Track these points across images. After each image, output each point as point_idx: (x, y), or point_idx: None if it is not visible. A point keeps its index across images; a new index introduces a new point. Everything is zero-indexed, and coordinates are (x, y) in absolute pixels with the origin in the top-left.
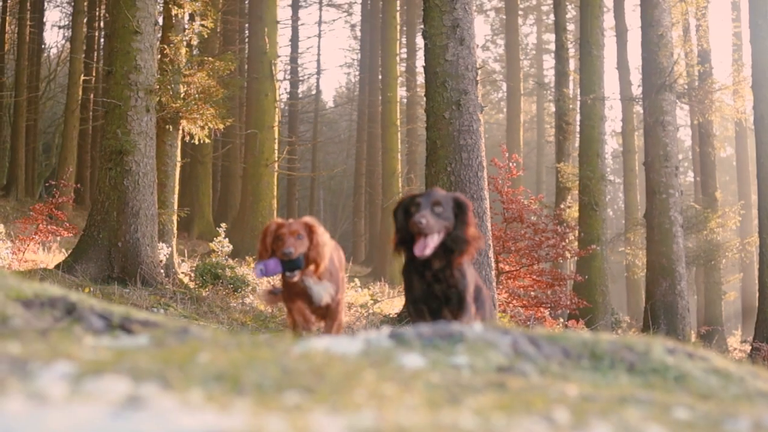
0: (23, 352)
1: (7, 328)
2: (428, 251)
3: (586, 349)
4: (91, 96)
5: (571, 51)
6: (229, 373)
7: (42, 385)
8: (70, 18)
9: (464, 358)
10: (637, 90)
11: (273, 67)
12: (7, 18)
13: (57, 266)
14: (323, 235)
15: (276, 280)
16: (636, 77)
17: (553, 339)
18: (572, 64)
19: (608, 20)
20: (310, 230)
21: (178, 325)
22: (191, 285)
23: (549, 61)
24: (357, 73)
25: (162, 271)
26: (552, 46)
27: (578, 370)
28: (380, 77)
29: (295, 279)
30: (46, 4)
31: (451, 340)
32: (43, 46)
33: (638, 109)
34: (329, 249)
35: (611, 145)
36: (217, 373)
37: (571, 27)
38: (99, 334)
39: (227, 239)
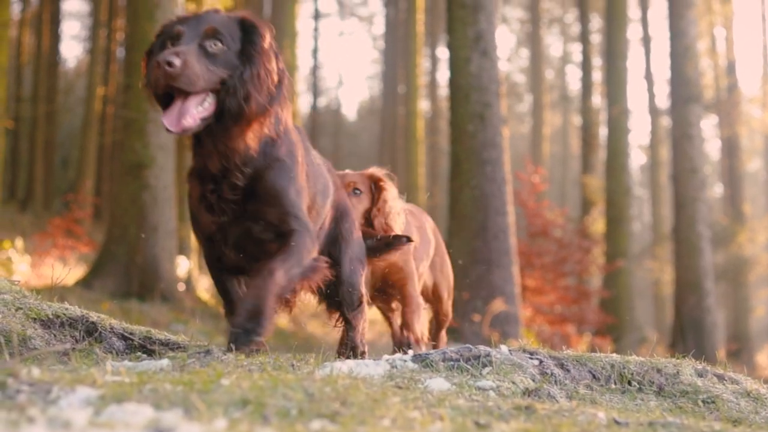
0: (45, 375)
1: (27, 350)
2: (188, 122)
3: (615, 372)
4: (110, 109)
5: (595, 62)
6: (253, 399)
7: (64, 411)
8: (89, 30)
9: (490, 381)
10: (662, 101)
11: (294, 79)
12: (27, 30)
13: (76, 282)
14: (393, 196)
15: None
16: (660, 89)
17: (580, 361)
18: (595, 76)
19: (637, 30)
20: (375, 185)
21: (200, 347)
22: (211, 301)
23: (573, 72)
24: (379, 85)
25: (183, 285)
26: (576, 57)
27: (607, 392)
28: (403, 89)
29: None
30: (64, 15)
31: (476, 362)
32: (58, 59)
33: (665, 121)
34: (402, 216)
35: (638, 157)
36: (241, 399)
37: (594, 39)
38: (120, 355)
39: None
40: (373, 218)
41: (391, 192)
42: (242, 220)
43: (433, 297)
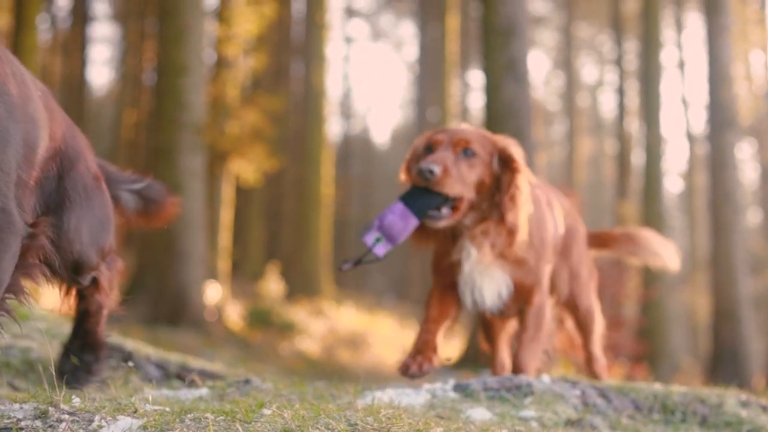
0: (87, 404)
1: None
2: None
3: (657, 402)
4: (139, 135)
5: (627, 86)
6: (296, 429)
7: None
8: (120, 52)
9: (532, 411)
10: (697, 127)
11: (323, 105)
12: (56, 55)
13: None
14: (527, 183)
15: None
16: (695, 114)
17: (622, 391)
18: (628, 100)
19: (674, 54)
20: (504, 162)
21: (239, 375)
22: (240, 328)
23: (608, 97)
24: (413, 110)
25: (214, 311)
26: (611, 82)
27: (649, 423)
28: (433, 115)
29: (443, 224)
30: (94, 40)
31: (518, 392)
32: (86, 84)
33: (701, 146)
34: (529, 200)
35: (675, 184)
36: (284, 429)
37: (628, 63)
38: (157, 383)
39: (280, 280)
40: (501, 206)
41: (524, 177)
42: None
43: (566, 305)
